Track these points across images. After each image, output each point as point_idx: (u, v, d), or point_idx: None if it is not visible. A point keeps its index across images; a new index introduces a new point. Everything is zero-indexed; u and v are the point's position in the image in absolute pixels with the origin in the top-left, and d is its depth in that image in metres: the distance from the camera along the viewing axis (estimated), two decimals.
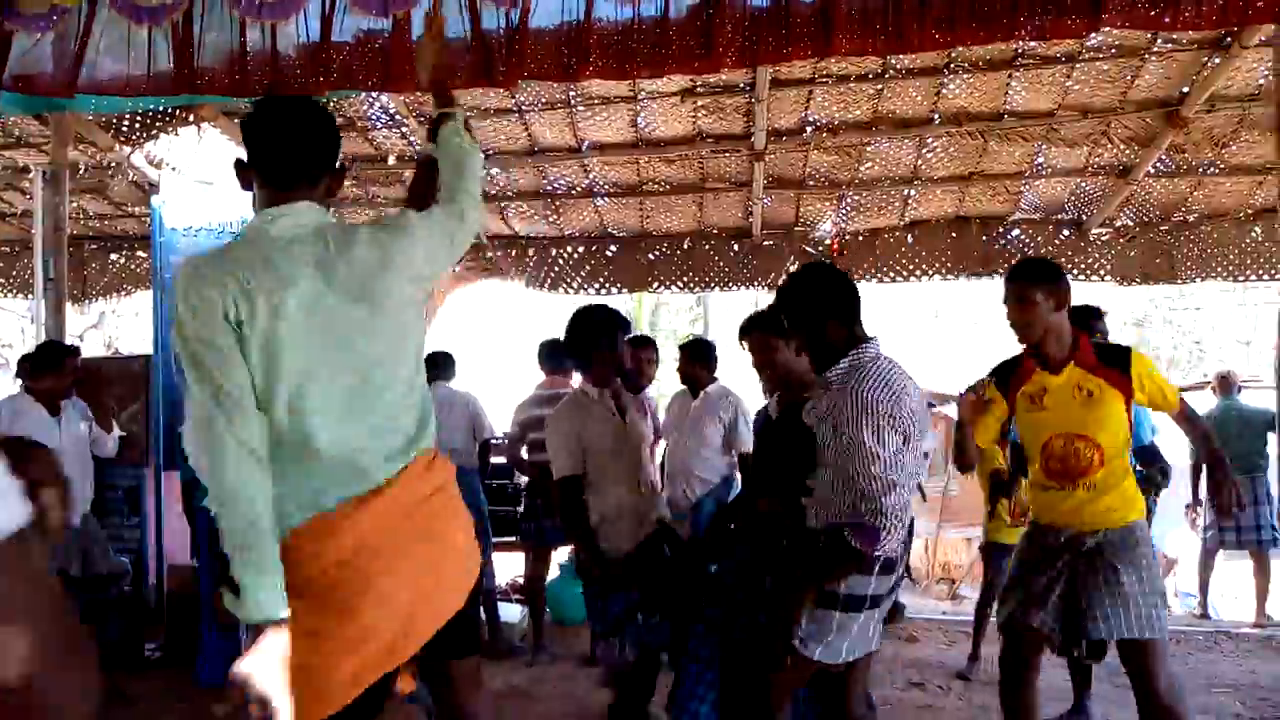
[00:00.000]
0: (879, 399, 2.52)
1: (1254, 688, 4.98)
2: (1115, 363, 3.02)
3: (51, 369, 4.74)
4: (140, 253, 8.61)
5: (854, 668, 2.82)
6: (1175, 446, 6.48)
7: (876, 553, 2.54)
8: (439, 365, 5.73)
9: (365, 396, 1.91)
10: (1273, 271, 7.51)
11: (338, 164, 2.10)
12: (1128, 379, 2.99)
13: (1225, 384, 7.31)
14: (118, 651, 5.23)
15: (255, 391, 1.83)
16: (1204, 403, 7.83)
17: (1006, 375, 3.19)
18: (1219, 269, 7.57)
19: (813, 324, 2.72)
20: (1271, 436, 6.83)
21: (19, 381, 4.94)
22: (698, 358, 5.34)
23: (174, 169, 7.33)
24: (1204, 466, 6.94)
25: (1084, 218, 7.62)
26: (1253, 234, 7.46)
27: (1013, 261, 5.56)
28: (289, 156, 2.00)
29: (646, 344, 5.44)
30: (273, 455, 1.83)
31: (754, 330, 3.40)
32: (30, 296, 6.94)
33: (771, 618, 2.76)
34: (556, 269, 8.49)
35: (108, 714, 3.35)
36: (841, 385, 2.62)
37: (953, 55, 5.83)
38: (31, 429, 4.57)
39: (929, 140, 6.81)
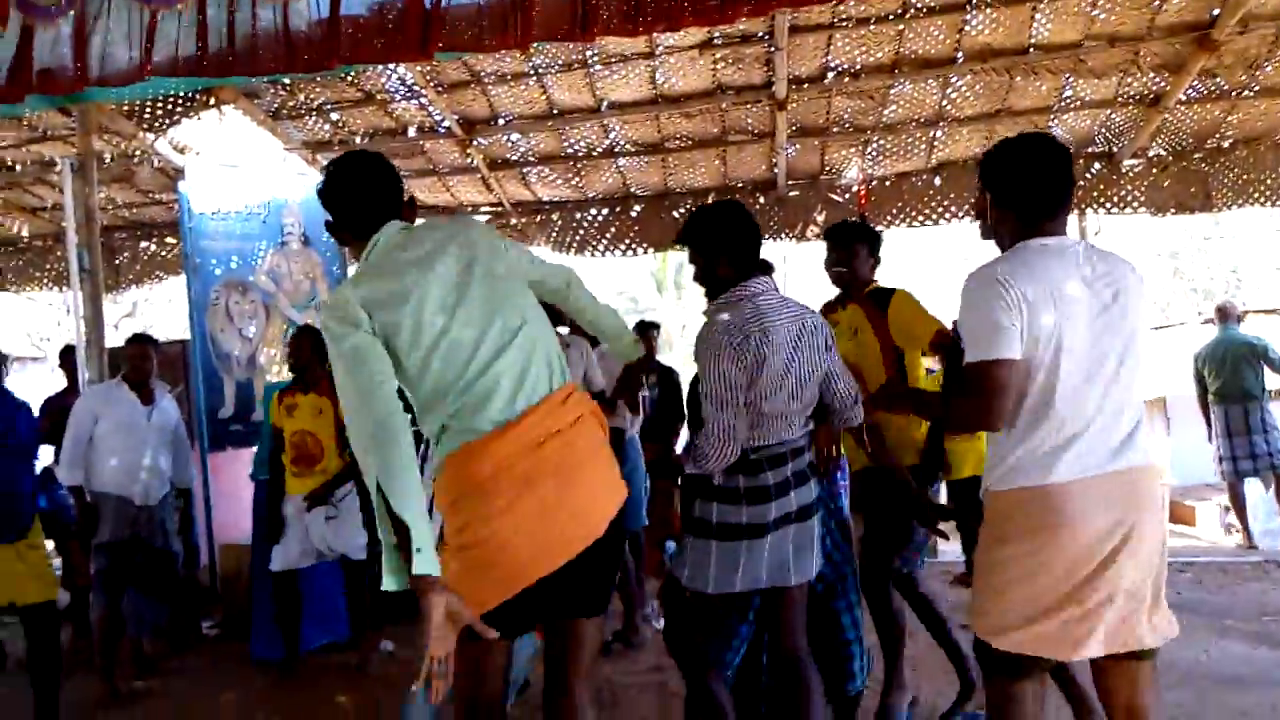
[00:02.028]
0: (726, 335, 2.67)
1: None
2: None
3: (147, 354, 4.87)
4: (170, 239, 8.69)
5: (785, 604, 2.83)
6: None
7: (690, 468, 2.73)
8: None
9: (499, 345, 2.14)
10: None
11: (405, 199, 2.34)
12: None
13: (1223, 315, 7.32)
14: (175, 629, 5.37)
15: (406, 361, 2.10)
16: (1203, 336, 7.81)
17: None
18: (1256, 195, 7.40)
19: (707, 258, 2.85)
20: (1267, 368, 6.93)
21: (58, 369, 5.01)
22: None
23: (198, 153, 7.37)
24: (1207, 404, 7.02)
25: (1115, 150, 7.46)
26: None
27: None
28: (367, 212, 2.25)
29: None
30: (433, 394, 2.11)
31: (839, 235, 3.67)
32: (66, 288, 7.03)
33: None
34: (581, 232, 8.47)
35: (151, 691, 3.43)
36: (706, 318, 2.81)
37: None
38: (123, 416, 4.69)
39: (954, 80, 6.69)
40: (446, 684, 1.99)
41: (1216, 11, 5.88)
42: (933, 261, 20.19)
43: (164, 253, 8.89)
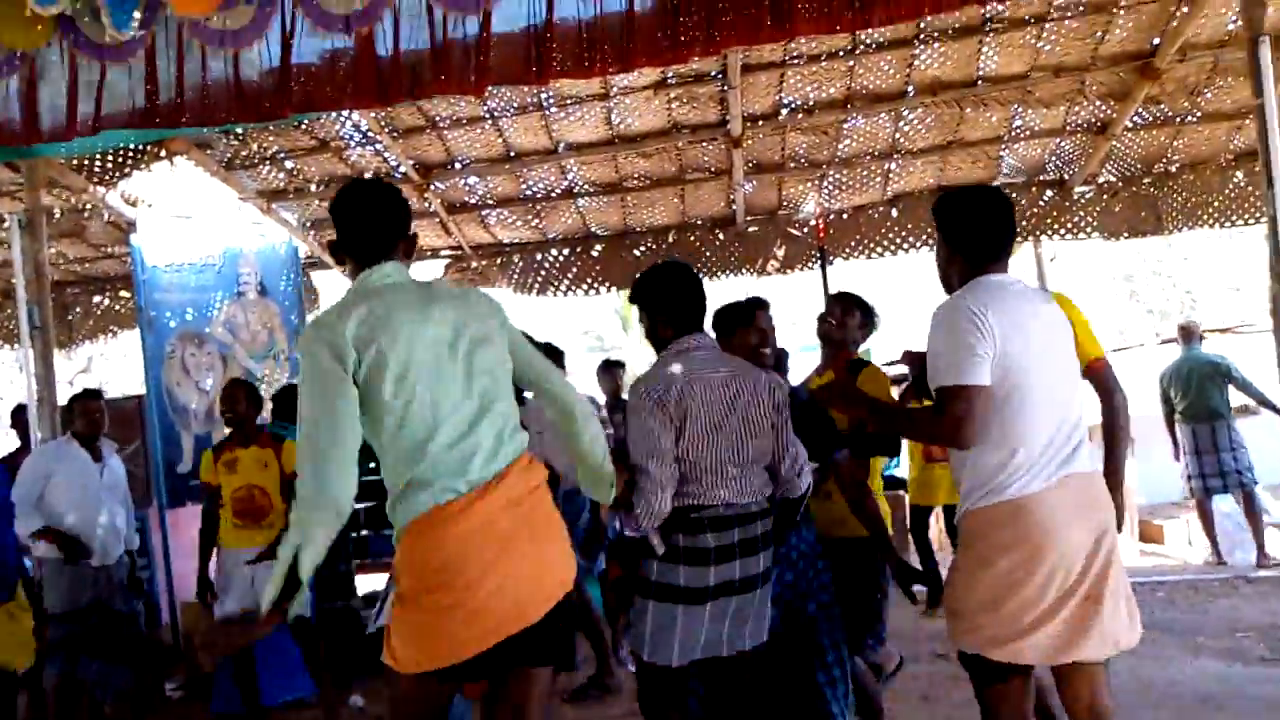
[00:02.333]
0: (650, 388, 2.72)
1: (1274, 628, 4.98)
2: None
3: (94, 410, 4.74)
4: (124, 292, 8.55)
5: (732, 670, 2.77)
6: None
7: (630, 532, 2.75)
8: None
9: (478, 410, 2.17)
10: (1258, 215, 7.48)
11: (409, 232, 2.38)
12: None
13: (1186, 335, 7.38)
14: (139, 692, 5.21)
15: (383, 407, 2.10)
16: (1162, 357, 7.94)
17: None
18: (1204, 217, 7.56)
19: (650, 318, 2.91)
20: (1231, 385, 6.99)
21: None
22: None
23: (150, 205, 7.28)
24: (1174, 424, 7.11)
25: (1066, 177, 7.60)
26: (1235, 179, 7.44)
27: None
28: (372, 239, 2.30)
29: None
30: (404, 456, 2.11)
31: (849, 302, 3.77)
32: (17, 345, 6.89)
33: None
34: (543, 273, 8.45)
35: None
36: (638, 378, 2.88)
37: (923, 25, 5.81)
38: (76, 474, 4.55)
39: (905, 113, 6.80)
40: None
41: (1157, 41, 6.03)
42: (890, 293, 20.38)
43: (117, 306, 8.74)
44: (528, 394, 2.76)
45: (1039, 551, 2.29)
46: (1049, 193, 7.67)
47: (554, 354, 6.01)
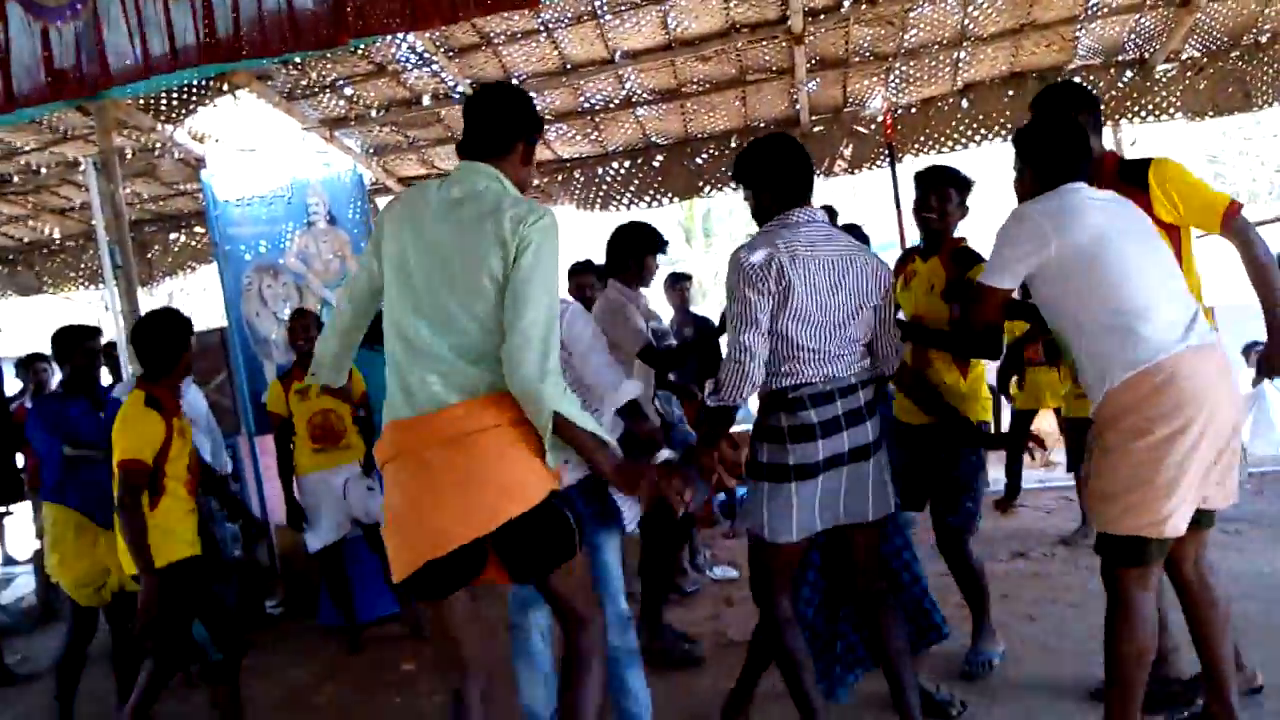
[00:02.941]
0: (745, 258, 2.66)
1: None
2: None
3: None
4: (198, 228, 8.75)
5: (851, 546, 2.86)
6: None
7: (711, 401, 2.71)
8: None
9: (429, 330, 2.21)
10: None
11: (518, 139, 2.37)
12: None
13: None
14: (240, 610, 5.50)
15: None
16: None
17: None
18: None
19: (755, 192, 2.86)
20: None
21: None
22: None
23: (217, 140, 7.38)
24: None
25: (1147, 55, 7.22)
26: None
27: None
28: (468, 134, 2.37)
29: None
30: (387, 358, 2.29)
31: (939, 182, 3.56)
32: (100, 285, 7.11)
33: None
34: (604, 187, 8.39)
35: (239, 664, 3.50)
36: (740, 247, 2.78)
37: None
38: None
39: None
40: None
41: None
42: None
43: (194, 242, 8.95)
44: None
45: (1193, 416, 2.39)
46: (1128, 73, 7.30)
47: (678, 280, 6.02)
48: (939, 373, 3.45)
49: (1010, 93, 7.50)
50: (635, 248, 4.05)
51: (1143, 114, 7.35)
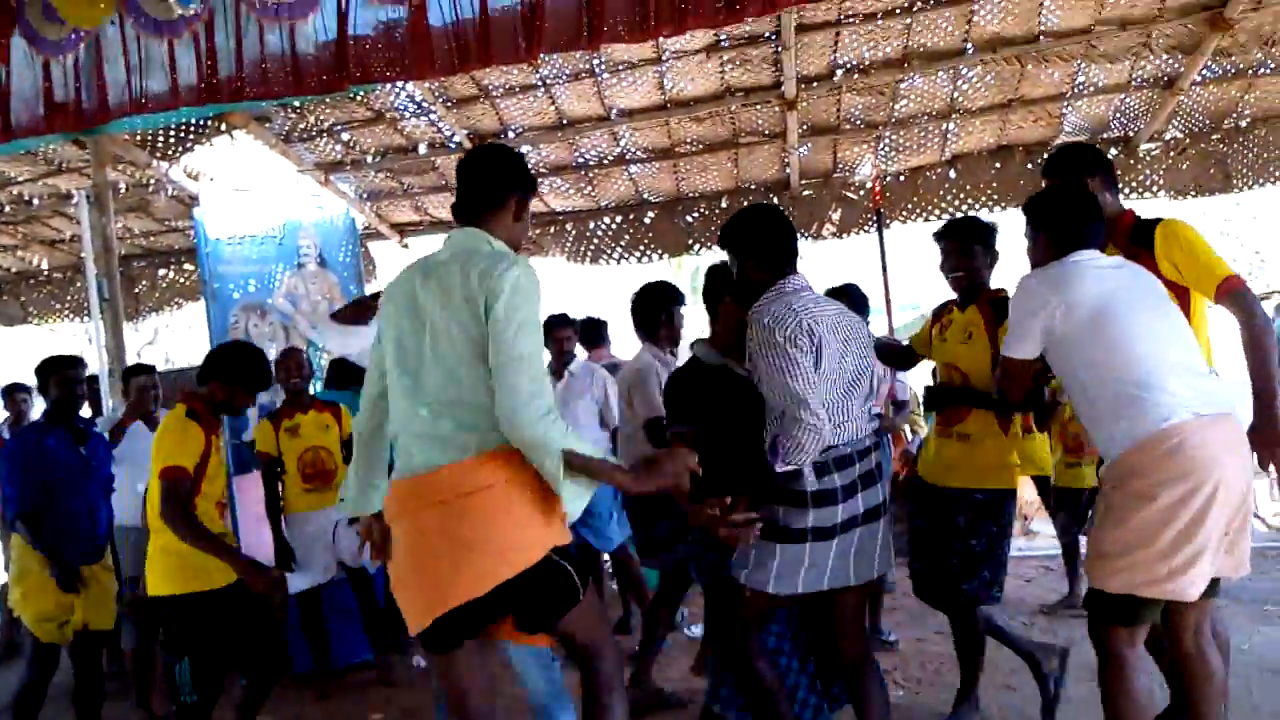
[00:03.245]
0: (780, 322, 2.65)
1: None
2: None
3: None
4: (188, 265, 8.75)
5: (840, 606, 2.86)
6: None
7: (779, 467, 2.64)
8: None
9: (421, 391, 2.26)
10: None
11: (510, 193, 2.44)
12: None
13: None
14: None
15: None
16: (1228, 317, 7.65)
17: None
18: (1276, 173, 7.31)
19: (739, 261, 2.89)
20: None
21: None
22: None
23: (212, 179, 7.42)
24: None
25: (1131, 134, 7.39)
26: None
27: None
28: (461, 193, 2.44)
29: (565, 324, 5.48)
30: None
31: (960, 236, 3.47)
32: (86, 319, 7.09)
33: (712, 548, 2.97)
34: (595, 241, 8.45)
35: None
36: (752, 320, 2.77)
37: None
38: (138, 445, 4.66)
39: (964, 71, 6.64)
40: None
41: None
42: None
43: (182, 279, 8.95)
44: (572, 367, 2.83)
45: (1201, 483, 2.39)
46: (1113, 151, 7.45)
47: (595, 325, 6.06)
48: (977, 430, 3.35)
49: (997, 165, 7.64)
50: (662, 302, 4.14)
51: (1126, 191, 7.48)
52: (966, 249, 3.41)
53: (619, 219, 8.43)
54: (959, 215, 7.74)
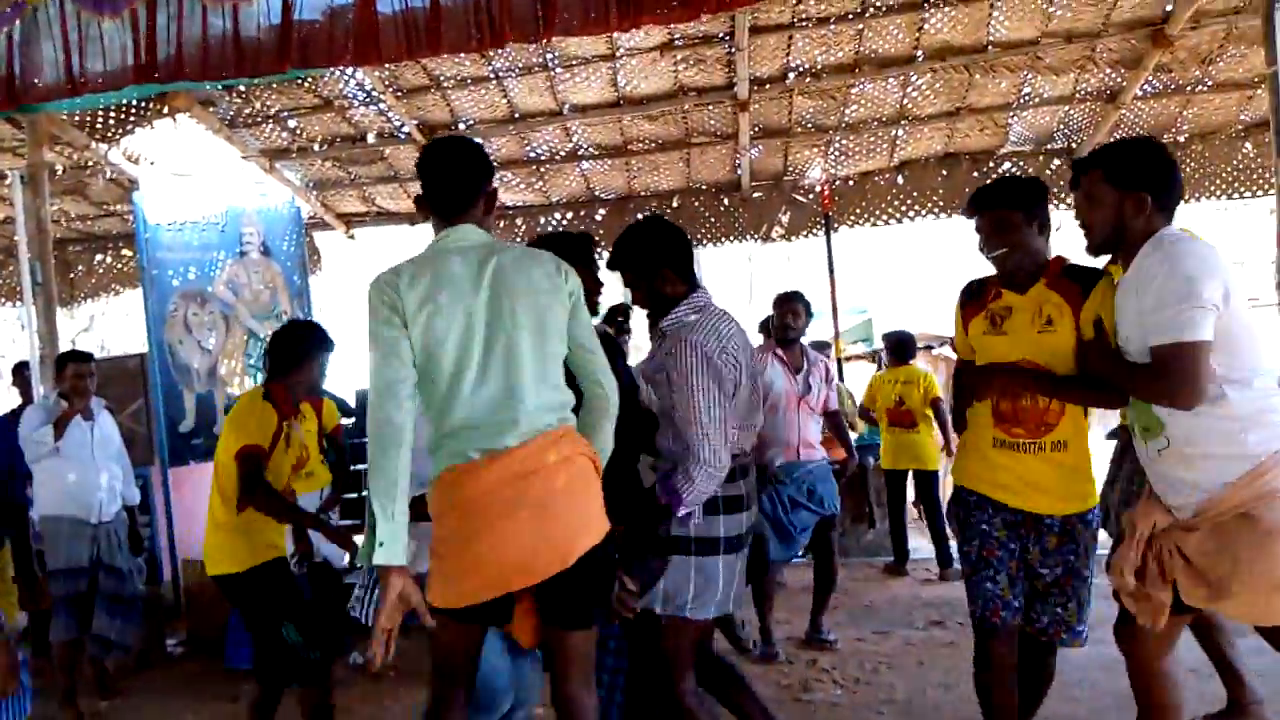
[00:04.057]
0: (699, 343, 2.58)
1: None
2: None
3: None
4: (126, 251, 8.55)
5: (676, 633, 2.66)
6: None
7: (680, 508, 2.54)
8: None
9: (496, 379, 2.24)
10: (1266, 187, 7.44)
11: (488, 188, 2.44)
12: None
13: None
14: (141, 649, 5.25)
15: (441, 367, 2.23)
16: None
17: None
18: (1212, 188, 7.52)
19: (648, 275, 2.76)
20: None
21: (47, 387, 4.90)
22: None
23: (153, 163, 7.24)
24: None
25: (1074, 145, 7.54)
26: (1244, 150, 7.39)
27: None
28: (449, 194, 2.39)
29: None
30: (436, 416, 2.26)
31: (990, 205, 2.76)
32: (19, 303, 6.88)
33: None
34: None
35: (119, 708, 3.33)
36: (674, 334, 2.67)
37: None
38: (72, 434, 4.54)
39: (914, 78, 6.72)
40: (386, 654, 2.22)
41: (1170, 7, 5.95)
42: (896, 262, 20.31)
43: (120, 265, 8.74)
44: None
45: None
46: (1056, 161, 7.61)
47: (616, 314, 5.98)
48: (1074, 438, 2.67)
49: (944, 172, 7.76)
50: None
51: (1069, 201, 7.63)
52: (1003, 221, 2.69)
53: (570, 215, 8.40)
54: (906, 221, 7.87)
